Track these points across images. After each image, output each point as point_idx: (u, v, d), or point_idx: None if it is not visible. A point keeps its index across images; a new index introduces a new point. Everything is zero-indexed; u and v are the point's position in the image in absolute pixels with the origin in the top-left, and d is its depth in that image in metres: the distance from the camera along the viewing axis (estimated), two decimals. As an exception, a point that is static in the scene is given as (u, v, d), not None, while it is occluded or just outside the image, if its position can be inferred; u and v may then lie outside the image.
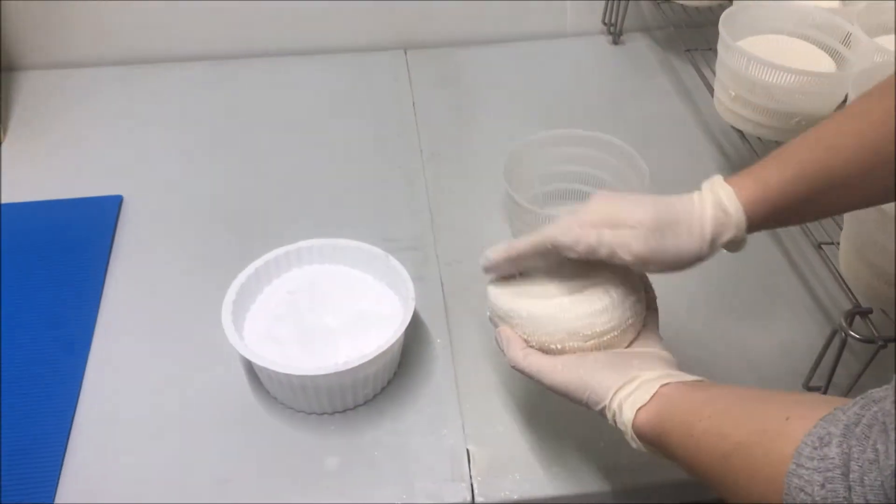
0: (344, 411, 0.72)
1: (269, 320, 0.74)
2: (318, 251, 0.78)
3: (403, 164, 0.99)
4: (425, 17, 1.17)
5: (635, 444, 0.56)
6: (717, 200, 0.57)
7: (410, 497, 0.66)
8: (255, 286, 0.75)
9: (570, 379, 0.58)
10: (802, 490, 0.41)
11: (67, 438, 0.69)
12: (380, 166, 0.98)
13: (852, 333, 0.65)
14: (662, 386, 0.55)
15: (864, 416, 0.41)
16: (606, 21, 1.20)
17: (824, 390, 0.71)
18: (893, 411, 0.37)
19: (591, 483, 0.68)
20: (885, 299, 0.69)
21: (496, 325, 0.65)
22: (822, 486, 0.40)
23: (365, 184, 0.96)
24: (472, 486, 0.67)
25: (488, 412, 0.73)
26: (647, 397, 0.55)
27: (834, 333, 0.68)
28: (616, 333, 0.60)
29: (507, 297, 0.63)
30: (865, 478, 0.38)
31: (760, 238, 0.89)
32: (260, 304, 0.75)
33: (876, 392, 0.42)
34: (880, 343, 0.64)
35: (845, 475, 0.39)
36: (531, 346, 0.61)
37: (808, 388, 0.73)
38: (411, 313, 0.71)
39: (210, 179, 0.96)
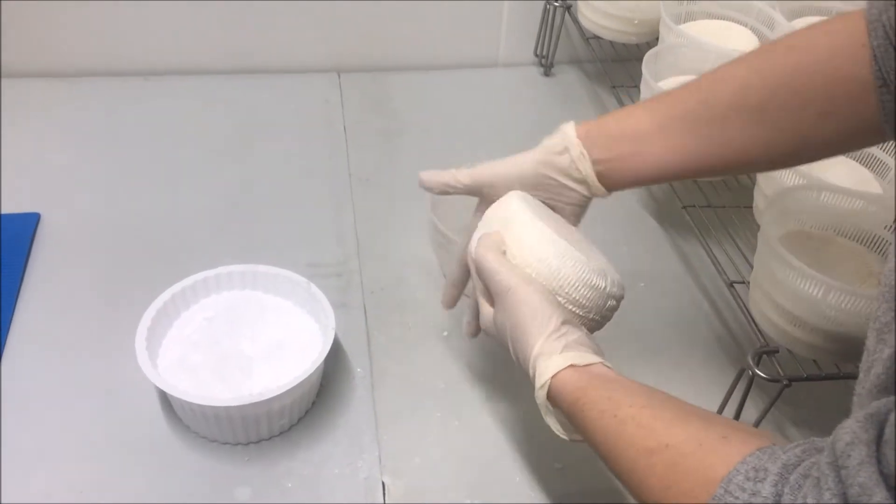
0: (259, 441, 0.71)
1: (184, 347, 0.73)
2: (238, 277, 0.77)
3: (332, 188, 0.99)
4: (360, 41, 1.18)
5: (542, 392, 0.56)
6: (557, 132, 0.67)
7: (323, 530, 0.66)
8: (171, 312, 0.74)
9: (531, 294, 0.59)
10: None
11: (-32, 466, 0.67)
12: (307, 190, 0.98)
13: (759, 372, 0.67)
14: (602, 364, 0.56)
15: (803, 461, 0.40)
16: (538, 53, 1.22)
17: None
18: (829, 472, 0.37)
19: (507, 516, 0.69)
20: (791, 339, 0.71)
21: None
22: None
23: (291, 207, 0.95)
24: (385, 518, 0.67)
25: (406, 444, 0.73)
26: (586, 361, 0.56)
27: (742, 371, 0.69)
28: (581, 314, 0.61)
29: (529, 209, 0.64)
30: None
31: (679, 276, 0.92)
32: (176, 330, 0.74)
33: (819, 442, 0.42)
34: (785, 382, 0.67)
35: None
36: None
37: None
38: (330, 343, 0.70)
39: (132, 200, 0.94)
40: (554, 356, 0.56)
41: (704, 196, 0.90)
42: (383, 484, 0.69)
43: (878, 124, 0.56)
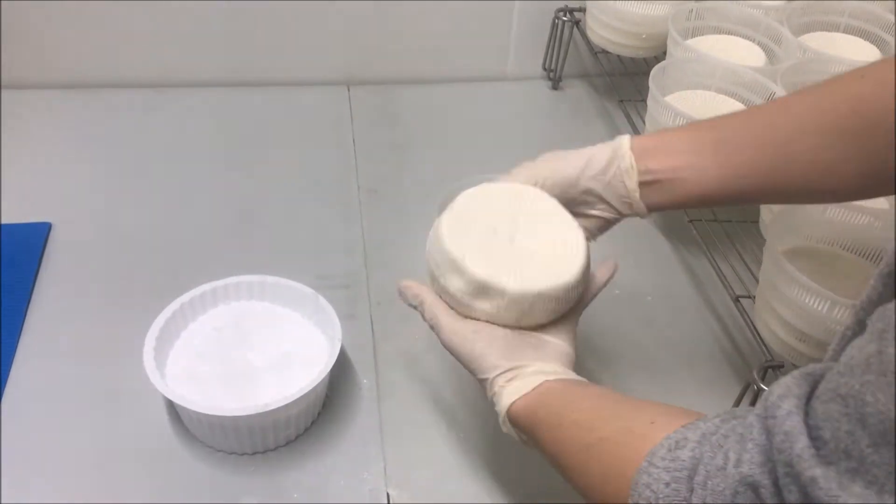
0: (265, 452, 0.71)
1: (192, 357, 0.73)
2: (246, 288, 0.78)
3: (340, 200, 0.99)
4: (370, 55, 1.18)
5: (506, 427, 0.59)
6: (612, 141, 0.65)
7: (327, 540, 0.66)
8: (180, 322, 0.75)
9: (461, 345, 0.61)
10: (649, 487, 0.43)
11: (-23, 474, 0.67)
12: (316, 202, 0.99)
13: (764, 387, 0.67)
14: (546, 381, 0.58)
15: (722, 427, 0.42)
16: (546, 67, 1.23)
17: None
18: (756, 424, 0.38)
19: (510, 529, 0.69)
20: (797, 354, 0.71)
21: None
22: (668, 484, 0.42)
23: (300, 219, 0.96)
24: (390, 530, 0.67)
25: (412, 456, 0.73)
26: (527, 389, 0.57)
27: (747, 386, 0.69)
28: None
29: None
30: (709, 482, 0.40)
31: (685, 290, 0.92)
32: (184, 340, 0.75)
33: (738, 410, 0.44)
34: (790, 397, 0.66)
35: (691, 477, 0.41)
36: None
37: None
38: (337, 354, 0.71)
39: (142, 210, 0.95)
40: (503, 396, 0.58)
41: (711, 210, 0.90)
42: (388, 496, 0.70)
43: None
